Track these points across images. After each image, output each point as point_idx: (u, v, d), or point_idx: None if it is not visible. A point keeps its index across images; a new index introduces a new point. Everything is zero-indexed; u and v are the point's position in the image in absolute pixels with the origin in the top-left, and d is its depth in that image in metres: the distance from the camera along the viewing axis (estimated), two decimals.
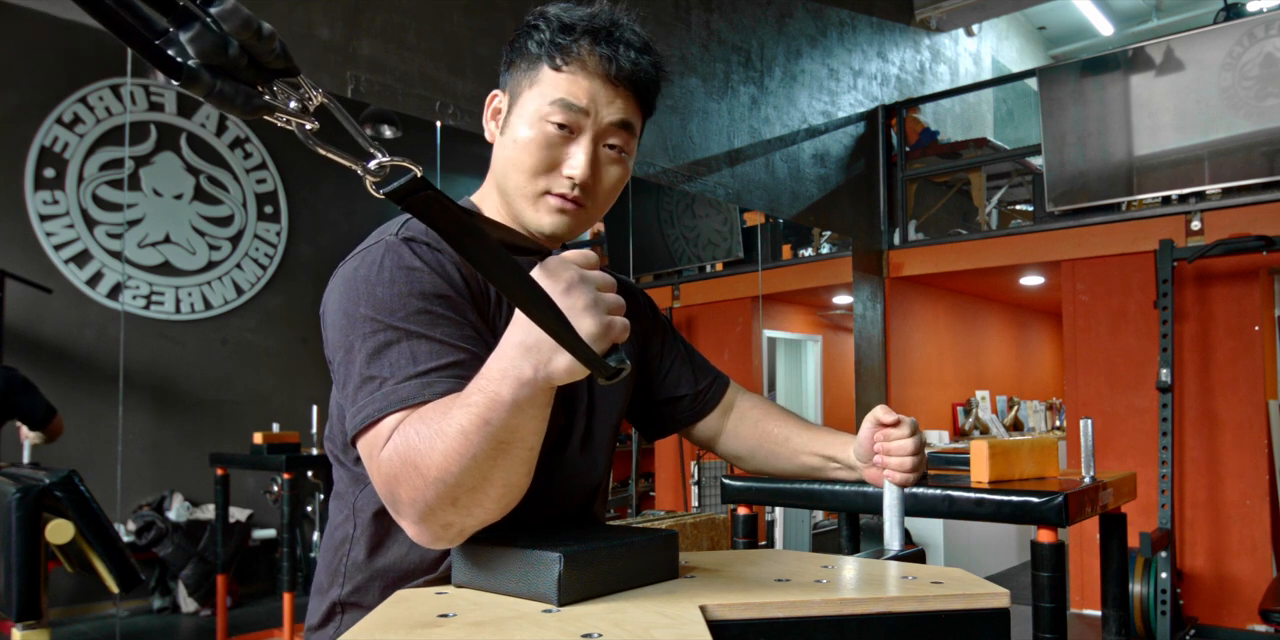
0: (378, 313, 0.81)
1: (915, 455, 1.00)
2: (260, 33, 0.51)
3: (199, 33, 0.49)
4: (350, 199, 3.64)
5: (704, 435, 1.21)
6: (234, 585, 3.21)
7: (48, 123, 2.83)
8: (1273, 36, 4.19)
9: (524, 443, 0.71)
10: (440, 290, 0.84)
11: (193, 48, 0.50)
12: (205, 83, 0.51)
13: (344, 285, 0.85)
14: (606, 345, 0.66)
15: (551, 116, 0.89)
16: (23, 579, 1.62)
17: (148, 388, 3.02)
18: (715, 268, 5.05)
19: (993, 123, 7.88)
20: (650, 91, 0.95)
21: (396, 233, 0.87)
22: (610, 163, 0.94)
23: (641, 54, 0.92)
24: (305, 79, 0.56)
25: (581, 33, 0.90)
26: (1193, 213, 4.29)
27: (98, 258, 2.91)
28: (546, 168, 0.91)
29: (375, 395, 0.78)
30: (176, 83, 0.50)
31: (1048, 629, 1.86)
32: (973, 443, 2.08)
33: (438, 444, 0.71)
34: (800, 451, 1.13)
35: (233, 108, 0.52)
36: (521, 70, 0.93)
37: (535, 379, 0.67)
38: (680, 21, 4.01)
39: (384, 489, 0.76)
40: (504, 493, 0.74)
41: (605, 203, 0.96)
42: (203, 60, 0.50)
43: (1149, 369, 4.29)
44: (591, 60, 0.90)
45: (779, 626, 0.71)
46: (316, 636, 0.98)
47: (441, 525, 0.74)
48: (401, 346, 0.79)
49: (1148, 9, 8.34)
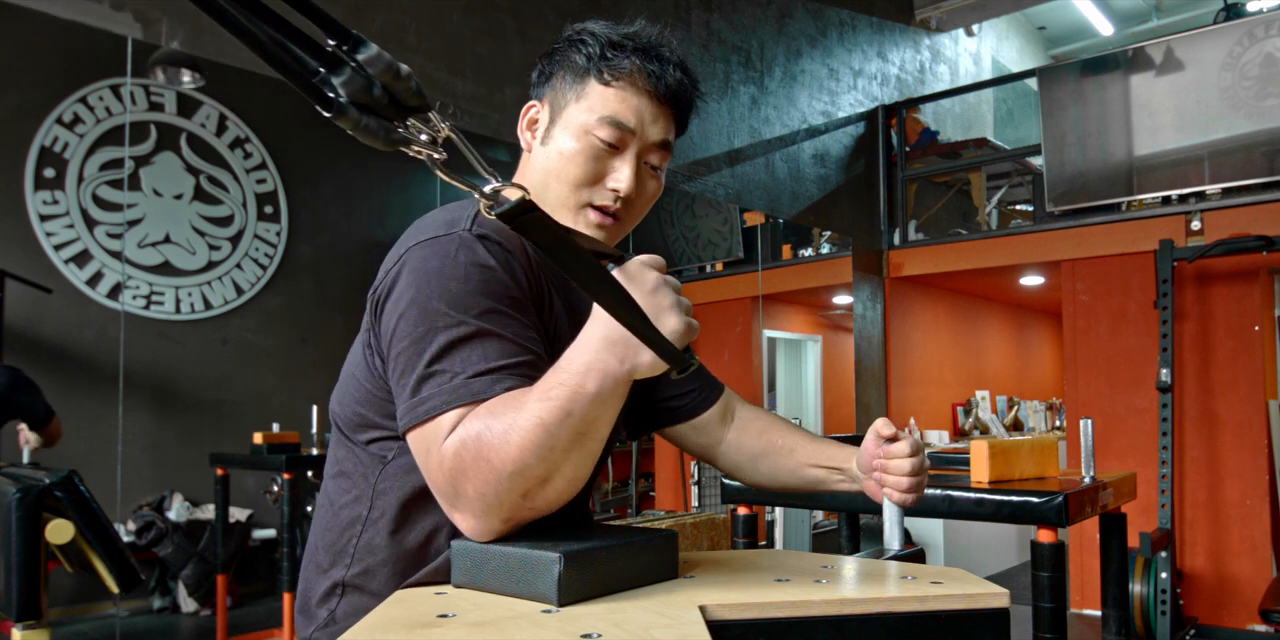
0: (451, 308, 0.82)
1: (914, 475, 0.99)
2: (399, 74, 0.59)
3: (349, 77, 0.58)
4: (350, 199, 3.64)
5: (702, 443, 1.19)
6: (234, 585, 3.21)
7: (48, 123, 2.83)
8: (1273, 36, 4.19)
9: (598, 434, 0.75)
10: (510, 292, 0.85)
11: (344, 89, 0.58)
12: (353, 117, 0.58)
13: (415, 275, 0.85)
14: (688, 341, 0.73)
15: (598, 131, 0.93)
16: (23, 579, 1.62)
17: (148, 388, 3.02)
18: (715, 268, 5.05)
19: (993, 123, 7.88)
20: (688, 110, 0.99)
21: (469, 228, 0.87)
22: (648, 178, 0.98)
23: (683, 73, 0.96)
24: (434, 114, 0.63)
25: (631, 50, 0.94)
26: (1193, 213, 4.29)
27: (98, 258, 2.91)
28: (591, 180, 0.94)
29: (443, 388, 0.79)
30: (328, 115, 0.58)
31: (1048, 629, 1.86)
32: (973, 443, 2.08)
33: (513, 437, 0.73)
34: (805, 463, 1.13)
35: (375, 140, 0.60)
36: (566, 83, 0.96)
37: (620, 372, 0.72)
38: (680, 21, 4.01)
39: (445, 483, 0.77)
40: (570, 485, 0.77)
41: (639, 216, 1.00)
42: (351, 99, 0.58)
43: (1149, 369, 4.29)
44: (640, 77, 0.94)
45: (779, 626, 0.71)
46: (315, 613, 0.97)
47: (503, 519, 0.76)
48: (474, 343, 0.81)
49: (1148, 9, 8.34)
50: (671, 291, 0.73)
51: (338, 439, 0.99)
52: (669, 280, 0.74)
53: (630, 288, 0.71)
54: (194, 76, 3.07)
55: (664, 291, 0.73)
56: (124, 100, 2.97)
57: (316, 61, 0.58)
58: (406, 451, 0.91)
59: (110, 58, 2.48)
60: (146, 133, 3.06)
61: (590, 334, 0.74)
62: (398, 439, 0.92)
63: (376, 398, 0.92)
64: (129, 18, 2.29)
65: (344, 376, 0.99)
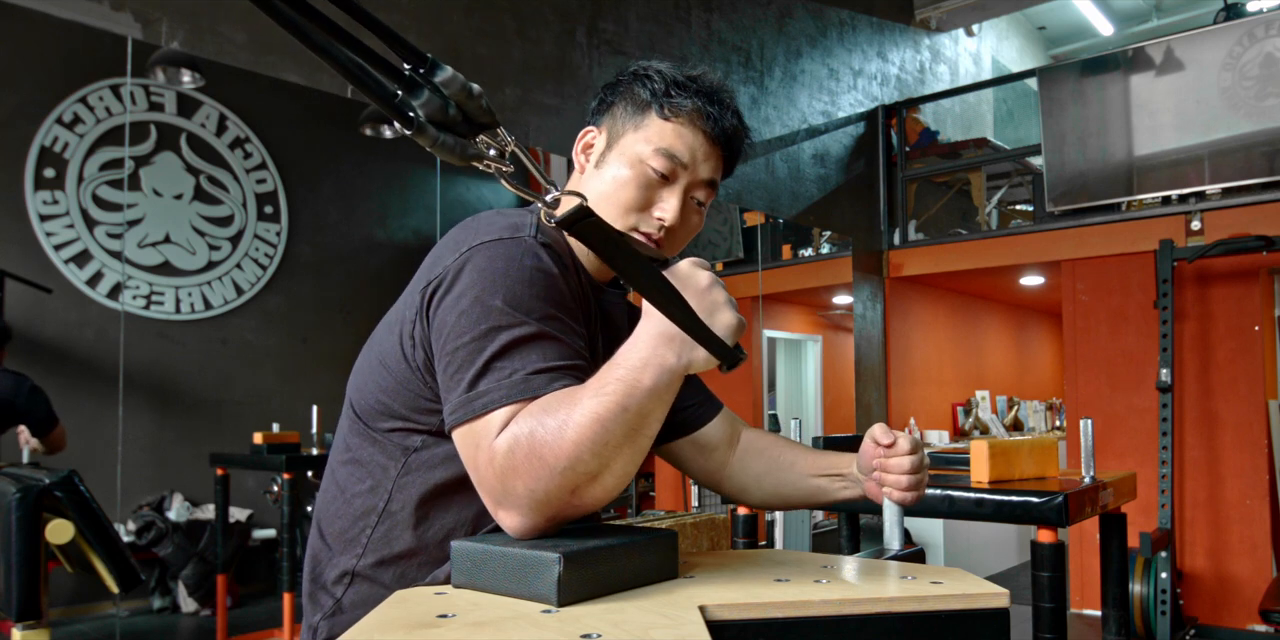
0: (514, 309, 0.84)
1: (913, 474, 1.00)
2: (471, 93, 0.64)
3: (428, 98, 0.63)
4: (350, 199, 3.64)
5: (709, 467, 1.20)
6: (234, 585, 3.21)
7: (48, 123, 2.83)
8: (1273, 36, 4.19)
9: (650, 429, 0.77)
10: (566, 301, 0.89)
11: (423, 111, 0.63)
12: (431, 135, 0.63)
13: (480, 274, 0.86)
14: (739, 337, 0.76)
15: (653, 161, 0.97)
16: (23, 579, 1.62)
17: (148, 388, 3.02)
18: (715, 268, 5.05)
19: (993, 123, 7.88)
20: (737, 154, 1.05)
21: (534, 235, 0.90)
22: (692, 212, 1.02)
23: (739, 120, 1.02)
24: (502, 130, 0.68)
25: (694, 92, 0.99)
26: (1193, 213, 4.29)
27: (98, 258, 2.91)
28: (639, 206, 0.98)
29: (502, 383, 0.80)
30: (409, 133, 0.63)
31: (1048, 629, 1.86)
32: (973, 443, 2.08)
33: (568, 433, 0.74)
34: (806, 474, 1.14)
35: (451, 156, 0.65)
36: (627, 113, 1.01)
37: (677, 366, 0.75)
38: (680, 21, 4.01)
39: (494, 480, 0.78)
40: (619, 482, 0.78)
41: (679, 246, 1.05)
42: (429, 119, 0.63)
43: (1149, 369, 4.29)
44: (698, 117, 0.99)
45: (778, 626, 0.71)
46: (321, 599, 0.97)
47: (549, 517, 0.78)
48: (534, 344, 0.83)
49: (1148, 9, 8.34)
50: (722, 288, 0.77)
51: (352, 425, 0.99)
52: (719, 280, 0.78)
53: (682, 288, 0.75)
54: (194, 76, 3.07)
55: (717, 288, 0.77)
56: (124, 100, 2.97)
57: (395, 83, 0.62)
58: (431, 444, 0.93)
59: (110, 58, 2.48)
60: (146, 133, 3.06)
61: (645, 331, 0.76)
62: (421, 431, 0.93)
63: (406, 389, 0.93)
64: (129, 18, 2.30)
65: (366, 364, 0.99)
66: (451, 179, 3.18)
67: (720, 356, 0.75)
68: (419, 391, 0.91)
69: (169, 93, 3.10)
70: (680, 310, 0.73)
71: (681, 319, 0.73)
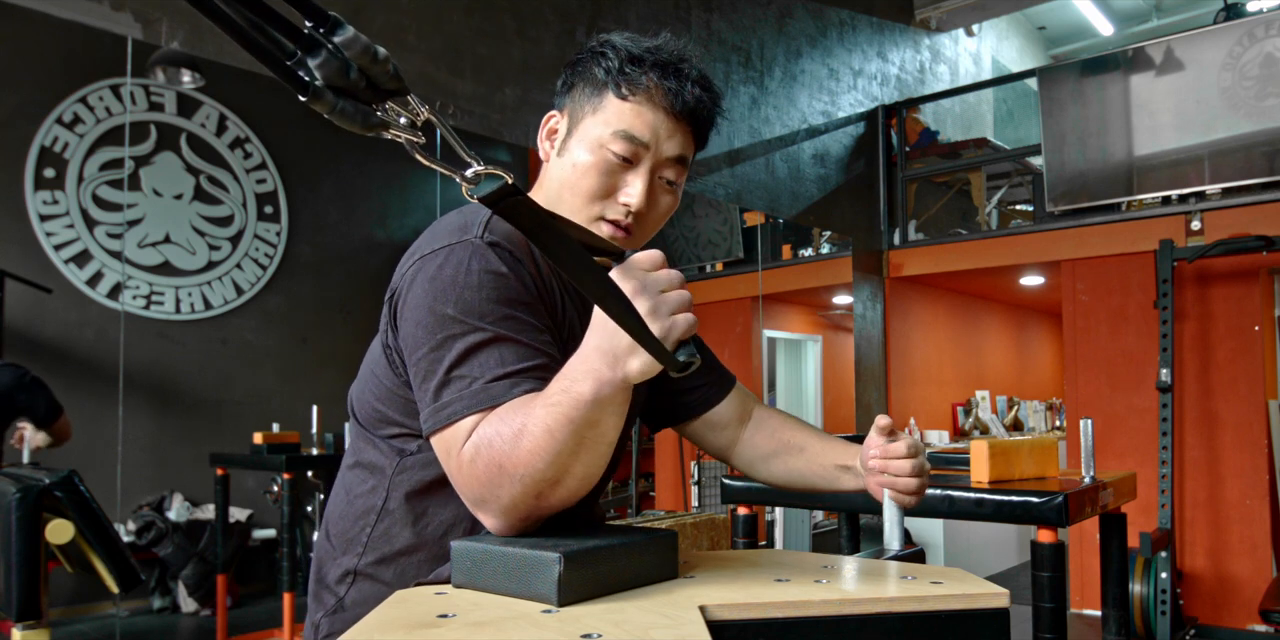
0: (466, 315, 0.83)
1: (914, 476, 1.00)
2: (376, 57, 0.58)
3: (325, 59, 0.56)
4: (350, 199, 3.64)
5: (720, 443, 1.21)
6: (234, 585, 3.21)
7: (48, 123, 2.83)
8: (1273, 36, 4.19)
9: (603, 437, 0.77)
10: (523, 297, 0.87)
11: (319, 72, 0.57)
12: (329, 101, 0.57)
13: (429, 283, 0.86)
14: (673, 344, 0.71)
15: (612, 145, 0.92)
16: (23, 579, 1.62)
17: (148, 388, 3.02)
18: (715, 268, 5.05)
19: (993, 123, 7.87)
20: (707, 127, 0.98)
21: (481, 236, 0.88)
22: (662, 193, 0.97)
23: (704, 90, 0.95)
24: (413, 98, 0.61)
25: (650, 65, 0.93)
26: (1193, 213, 4.29)
27: (98, 258, 2.91)
28: (603, 193, 0.94)
29: (462, 393, 0.81)
30: (303, 98, 0.57)
31: (1048, 629, 1.86)
32: (973, 443, 2.08)
33: (523, 443, 0.75)
34: (814, 461, 1.14)
35: (352, 124, 0.59)
36: (585, 95, 0.95)
37: (614, 378, 0.72)
38: (680, 21, 4.01)
39: (465, 486, 0.80)
40: (582, 483, 0.79)
41: (651, 230, 1.00)
42: (327, 83, 0.57)
43: (1149, 369, 4.29)
44: (657, 93, 0.93)
45: (778, 626, 0.71)
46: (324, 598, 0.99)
47: (520, 518, 0.80)
48: (490, 348, 0.83)
49: (1148, 9, 8.34)
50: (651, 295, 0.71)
51: (357, 430, 1.02)
52: (653, 280, 0.71)
53: (627, 281, 0.71)
54: (194, 76, 3.07)
55: (642, 297, 0.70)
56: (124, 100, 2.97)
57: (294, 44, 0.56)
58: (427, 447, 0.94)
59: (110, 58, 2.48)
60: (146, 133, 3.06)
61: (586, 342, 0.75)
62: (417, 435, 0.95)
63: (396, 395, 0.94)
64: (129, 18, 2.29)
65: (363, 372, 1.01)
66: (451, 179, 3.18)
67: (661, 361, 0.70)
68: (407, 396, 0.93)
69: (169, 93, 3.10)
70: (618, 306, 0.67)
71: (619, 315, 0.68)
